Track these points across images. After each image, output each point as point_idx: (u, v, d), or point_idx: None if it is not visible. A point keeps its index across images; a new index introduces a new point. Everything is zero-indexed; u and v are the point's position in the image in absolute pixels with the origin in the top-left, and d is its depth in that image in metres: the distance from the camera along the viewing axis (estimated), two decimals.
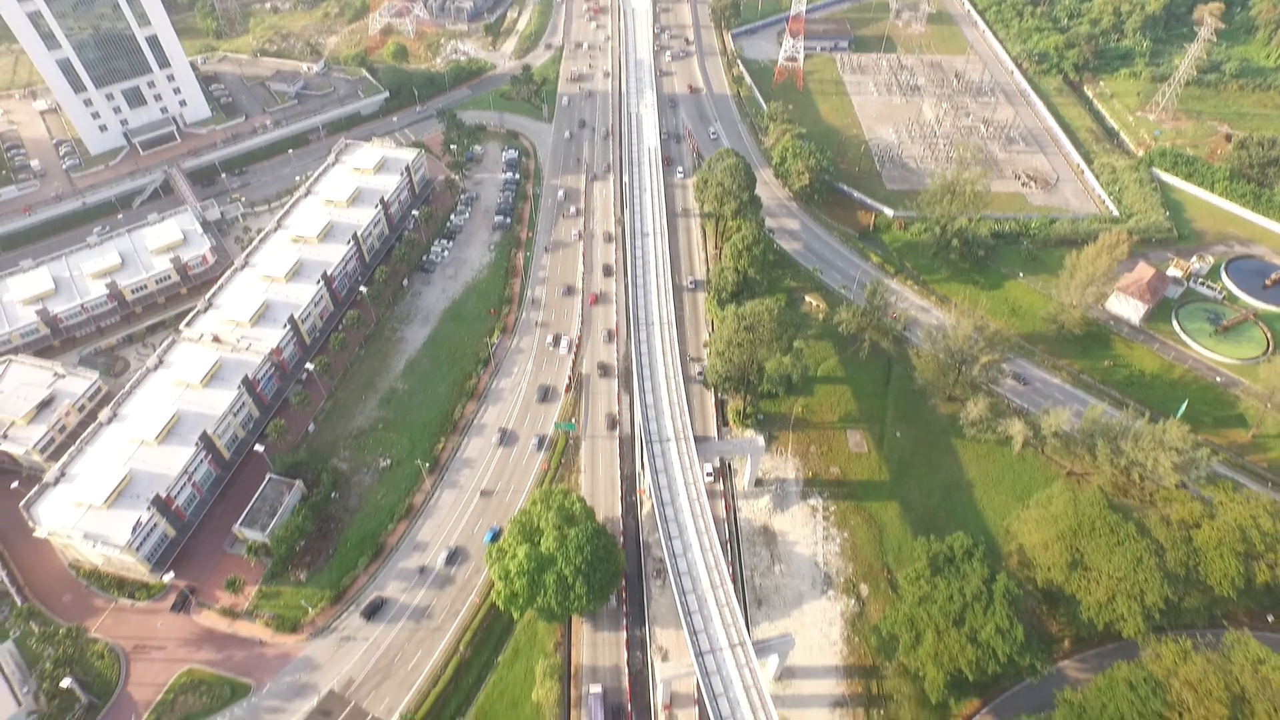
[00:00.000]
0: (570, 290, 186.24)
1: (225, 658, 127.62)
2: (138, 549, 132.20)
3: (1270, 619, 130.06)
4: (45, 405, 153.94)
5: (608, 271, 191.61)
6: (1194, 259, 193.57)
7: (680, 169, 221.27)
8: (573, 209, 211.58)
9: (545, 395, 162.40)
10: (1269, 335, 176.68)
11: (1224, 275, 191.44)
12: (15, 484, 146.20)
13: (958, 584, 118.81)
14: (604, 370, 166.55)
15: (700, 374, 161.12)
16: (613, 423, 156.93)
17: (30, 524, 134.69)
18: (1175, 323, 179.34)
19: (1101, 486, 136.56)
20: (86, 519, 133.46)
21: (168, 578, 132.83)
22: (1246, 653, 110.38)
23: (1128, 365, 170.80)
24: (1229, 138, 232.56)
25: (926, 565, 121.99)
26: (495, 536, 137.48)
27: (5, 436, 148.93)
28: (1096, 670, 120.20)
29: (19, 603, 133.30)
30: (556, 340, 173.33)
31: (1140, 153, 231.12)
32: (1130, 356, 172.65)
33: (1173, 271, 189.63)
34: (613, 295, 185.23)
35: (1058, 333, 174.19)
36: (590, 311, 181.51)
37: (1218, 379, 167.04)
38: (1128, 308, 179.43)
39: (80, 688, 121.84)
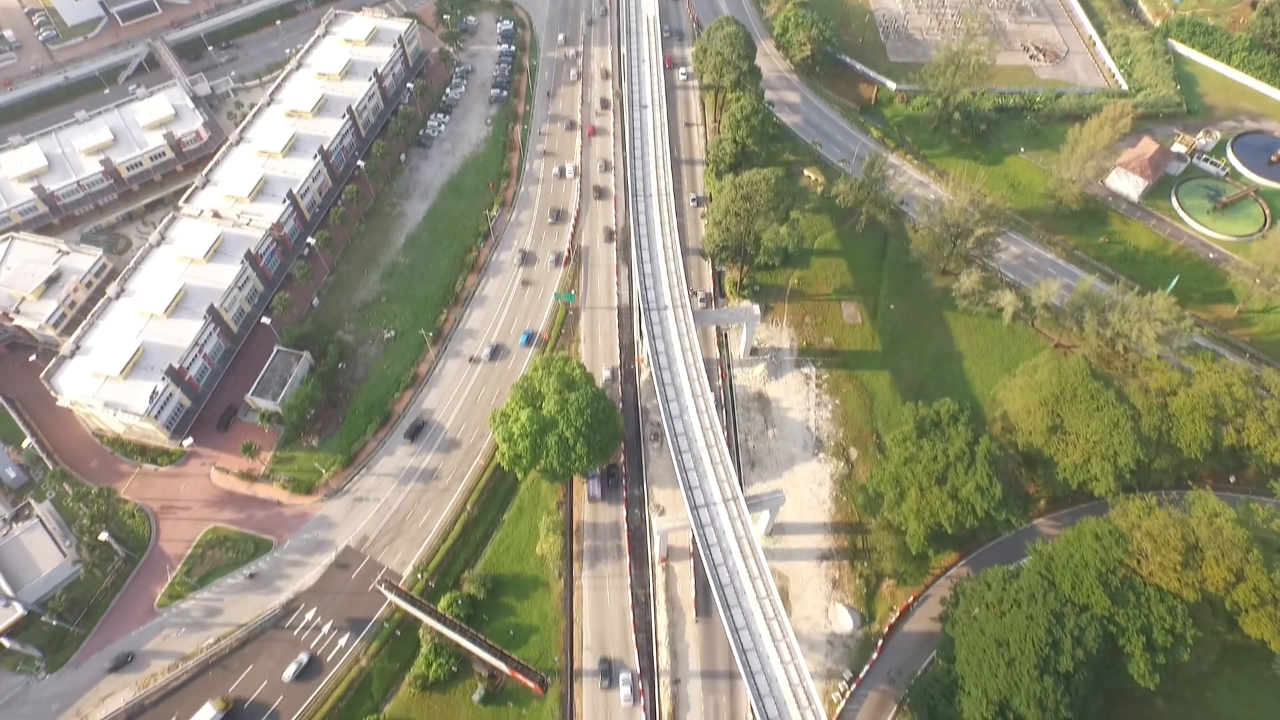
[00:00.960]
0: (562, 173, 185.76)
1: (246, 517, 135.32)
2: (156, 416, 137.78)
3: (1232, 480, 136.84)
4: (53, 281, 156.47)
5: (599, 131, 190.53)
6: (1200, 134, 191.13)
7: (683, 70, 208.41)
8: (572, 73, 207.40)
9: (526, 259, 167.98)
10: (1267, 212, 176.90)
11: (1230, 151, 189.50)
12: (33, 357, 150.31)
13: (942, 446, 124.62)
14: (600, 193, 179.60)
15: (701, 297, 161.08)
16: (609, 235, 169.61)
17: (52, 394, 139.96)
18: (1174, 199, 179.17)
19: (1086, 356, 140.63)
20: (105, 389, 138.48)
21: (187, 444, 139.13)
22: (1205, 507, 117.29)
23: (1123, 242, 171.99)
24: (1254, 4, 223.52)
25: (913, 428, 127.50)
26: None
27: (18, 311, 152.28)
28: (1068, 527, 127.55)
29: (51, 466, 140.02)
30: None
31: (1157, 23, 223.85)
32: (1126, 233, 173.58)
33: (1177, 147, 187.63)
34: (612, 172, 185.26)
35: (1055, 209, 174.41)
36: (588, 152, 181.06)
37: (1210, 255, 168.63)
38: (1127, 184, 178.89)
39: (116, 542, 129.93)
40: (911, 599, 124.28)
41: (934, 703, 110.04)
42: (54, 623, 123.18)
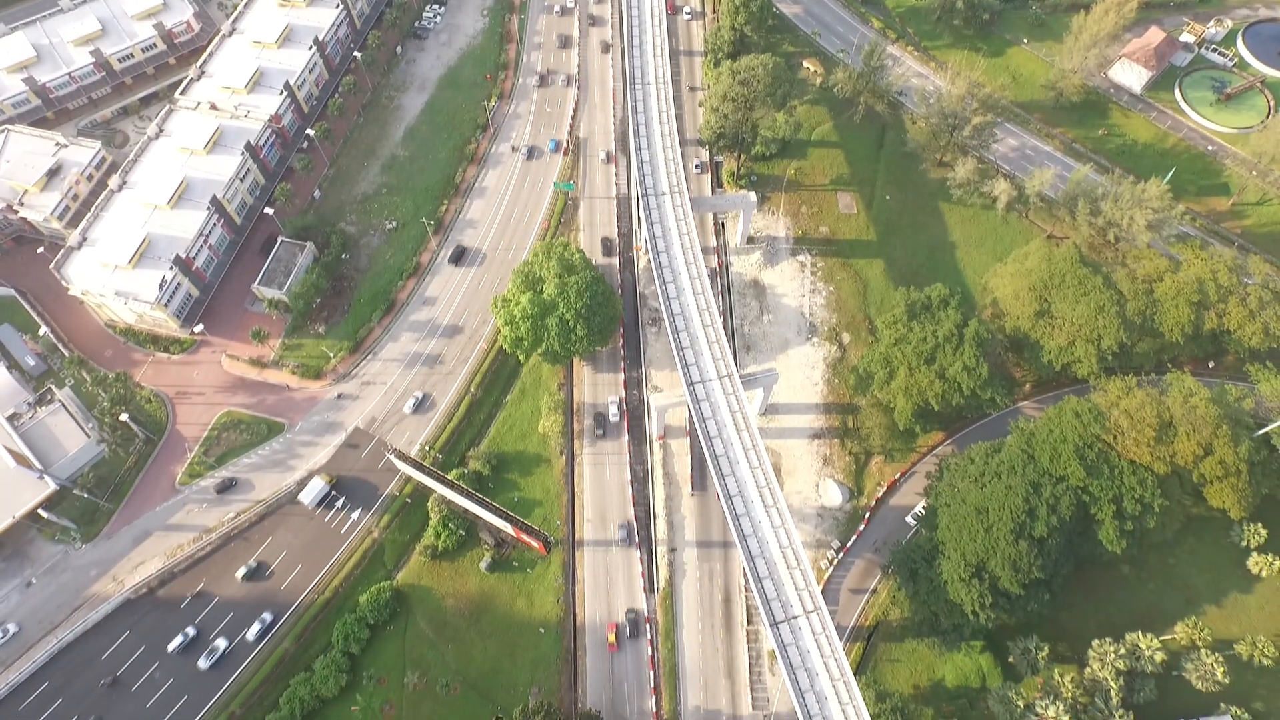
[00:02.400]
0: (566, 41, 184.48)
1: (258, 401, 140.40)
2: (166, 305, 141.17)
3: (1211, 365, 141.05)
4: (54, 174, 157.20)
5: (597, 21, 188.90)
6: (1211, 23, 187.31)
7: (688, 9, 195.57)
8: None
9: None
10: (1271, 103, 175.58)
11: (1240, 41, 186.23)
12: (41, 249, 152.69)
13: (931, 328, 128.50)
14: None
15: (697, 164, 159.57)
16: (606, 47, 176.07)
17: (64, 284, 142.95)
18: (1177, 91, 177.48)
19: (1077, 245, 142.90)
20: (115, 279, 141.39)
21: (198, 329, 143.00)
22: (1181, 387, 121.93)
23: (1122, 134, 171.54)
24: None
25: (904, 311, 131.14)
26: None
27: (21, 204, 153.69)
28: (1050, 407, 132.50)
29: (67, 355, 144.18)
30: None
31: None
32: (1126, 125, 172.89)
33: (1185, 37, 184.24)
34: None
35: (1055, 101, 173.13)
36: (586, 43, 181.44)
37: (1209, 149, 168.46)
38: (1130, 75, 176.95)
39: (135, 425, 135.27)
40: (899, 475, 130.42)
41: (915, 566, 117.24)
42: (85, 496, 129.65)
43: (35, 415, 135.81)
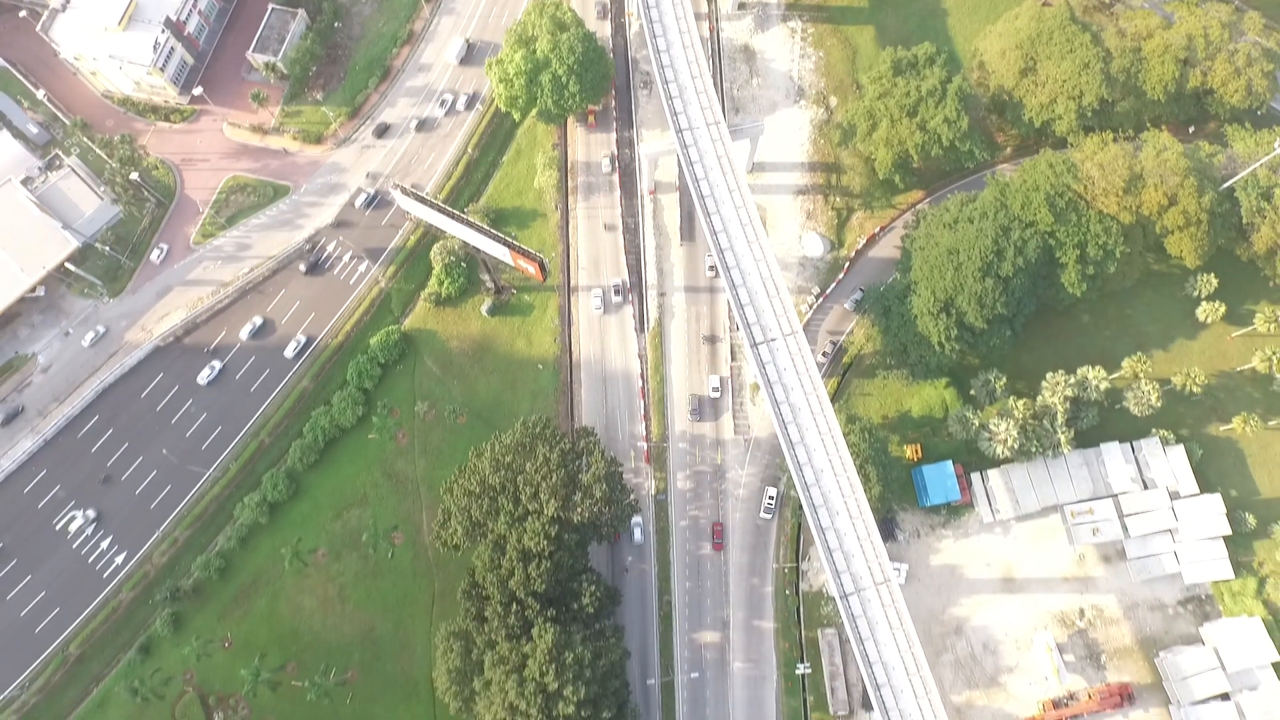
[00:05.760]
0: None
1: (262, 166, 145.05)
2: (162, 69, 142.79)
3: (1191, 130, 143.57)
4: None
5: None
6: None
7: None
8: None
9: None
10: None
11: None
12: (23, 13, 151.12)
13: (916, 83, 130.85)
14: None
15: None
16: None
17: (52, 46, 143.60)
18: None
19: (1070, 4, 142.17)
20: (106, 41, 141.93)
21: (197, 91, 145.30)
22: (1156, 143, 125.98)
23: None
24: None
25: (890, 67, 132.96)
26: None
27: None
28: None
29: (68, 122, 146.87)
30: None
31: None
32: None
33: None
34: None
35: None
36: None
37: None
38: None
39: (146, 188, 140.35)
40: (878, 229, 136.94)
41: (888, 304, 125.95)
42: (107, 251, 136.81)
43: (47, 180, 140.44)
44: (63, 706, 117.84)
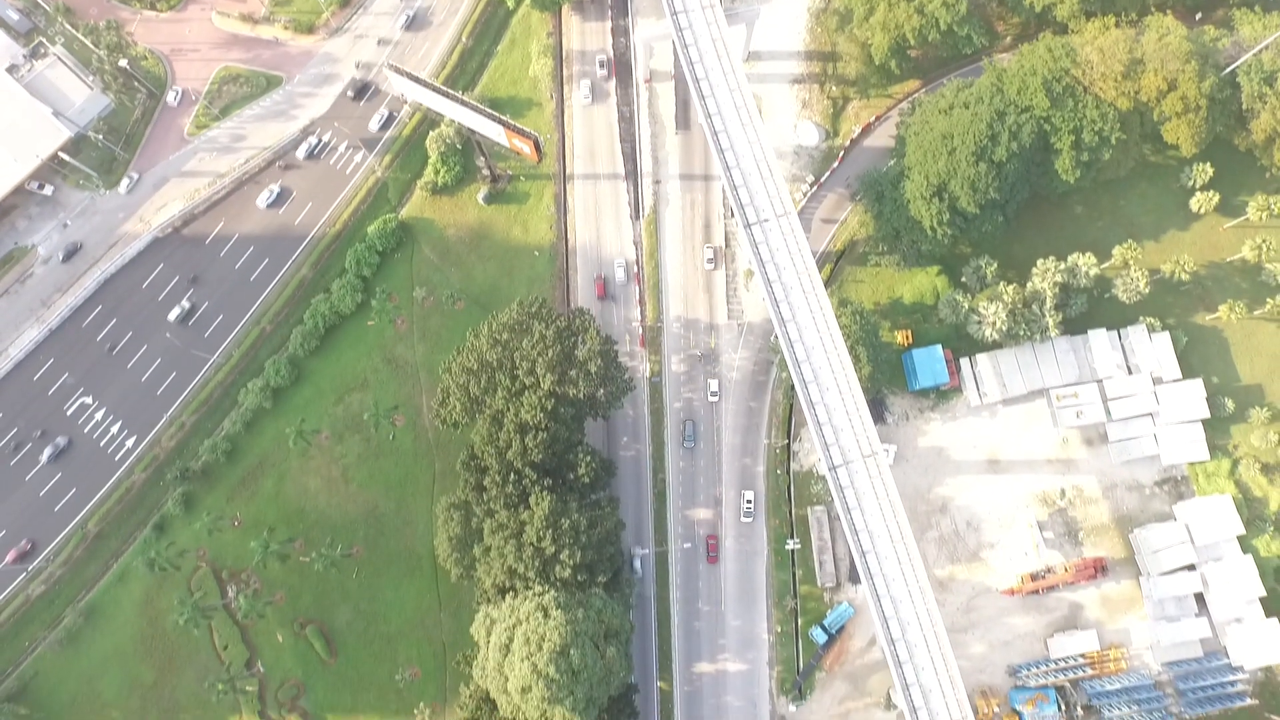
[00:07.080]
0: None
1: (254, 56, 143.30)
2: None
3: (1198, 16, 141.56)
4: None
5: None
6: None
7: None
8: None
9: None
10: None
11: None
12: None
13: None
14: None
15: None
16: None
17: None
18: None
19: None
20: None
21: None
22: (1159, 27, 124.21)
23: None
24: None
25: None
26: None
27: None
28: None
29: (49, 9, 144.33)
30: None
31: None
32: None
33: None
34: None
35: None
36: None
37: None
38: None
39: (136, 78, 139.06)
40: (874, 118, 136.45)
41: (881, 189, 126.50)
42: (100, 141, 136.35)
43: (33, 68, 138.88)
44: (86, 578, 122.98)
